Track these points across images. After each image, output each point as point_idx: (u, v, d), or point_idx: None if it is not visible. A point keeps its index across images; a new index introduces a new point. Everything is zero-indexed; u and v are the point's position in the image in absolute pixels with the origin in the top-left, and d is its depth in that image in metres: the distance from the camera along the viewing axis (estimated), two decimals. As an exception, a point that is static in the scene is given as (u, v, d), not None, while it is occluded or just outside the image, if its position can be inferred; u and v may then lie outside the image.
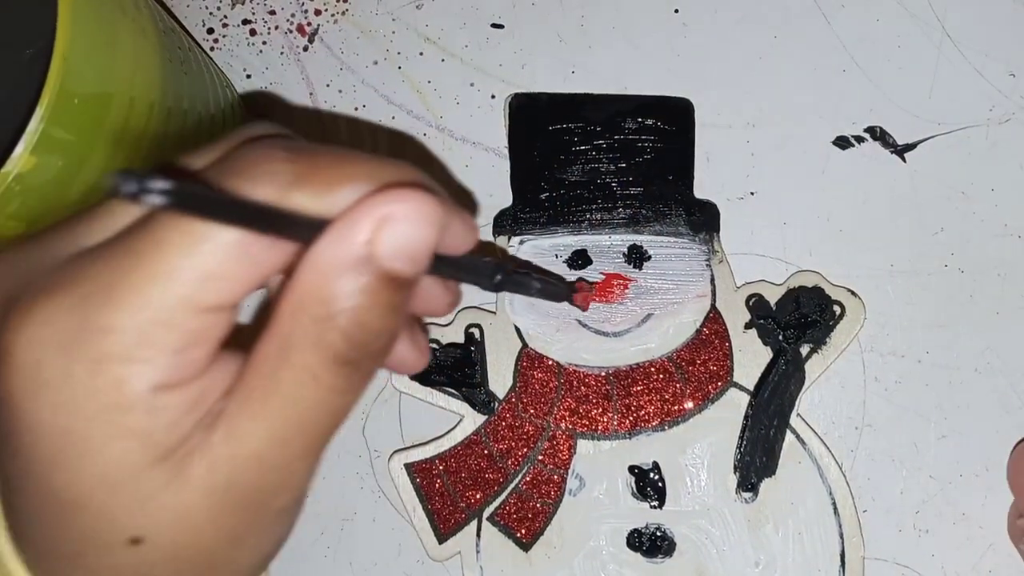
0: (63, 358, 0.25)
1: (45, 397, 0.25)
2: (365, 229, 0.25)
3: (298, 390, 0.26)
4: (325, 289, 0.25)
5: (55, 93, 0.36)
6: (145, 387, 0.25)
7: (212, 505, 0.27)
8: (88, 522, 0.27)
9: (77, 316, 0.25)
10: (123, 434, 0.26)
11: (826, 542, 0.50)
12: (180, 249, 0.25)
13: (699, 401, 0.51)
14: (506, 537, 0.52)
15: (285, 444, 0.27)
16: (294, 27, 0.58)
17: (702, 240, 0.52)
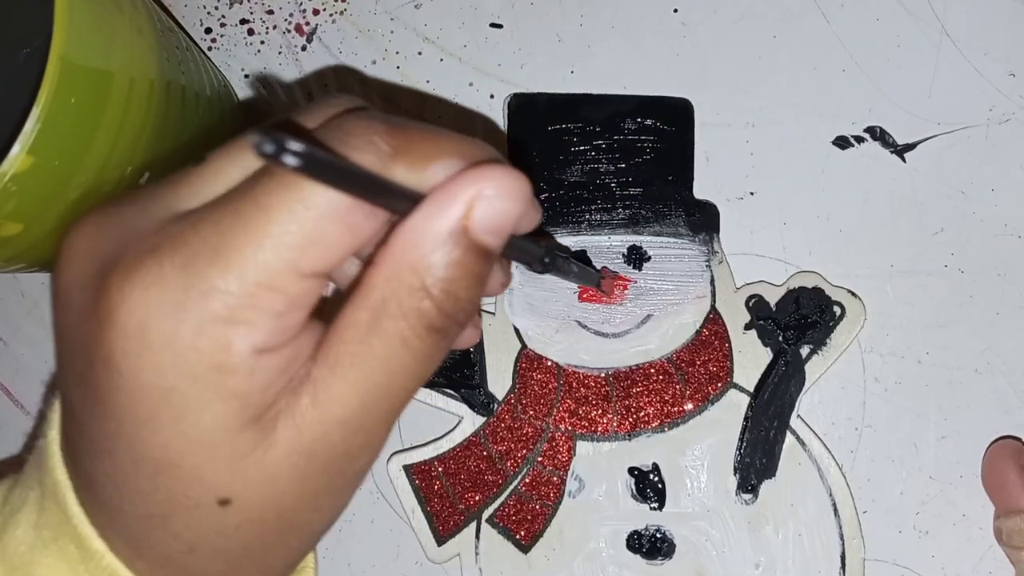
0: (169, 320, 0.26)
1: (149, 359, 0.26)
2: (462, 203, 0.27)
3: (388, 356, 0.27)
4: (421, 260, 0.27)
5: (51, 93, 0.36)
6: (248, 349, 0.26)
7: (297, 468, 0.28)
8: (180, 483, 0.28)
9: (183, 278, 0.26)
10: (223, 396, 0.26)
11: (826, 544, 0.50)
12: (286, 214, 0.26)
13: (699, 402, 0.51)
14: (505, 539, 0.52)
15: (370, 408, 0.28)
16: (292, 27, 0.58)
17: (702, 241, 0.52)
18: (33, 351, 0.58)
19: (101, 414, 0.27)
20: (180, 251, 0.26)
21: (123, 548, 0.30)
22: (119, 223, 0.28)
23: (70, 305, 0.28)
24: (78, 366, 0.28)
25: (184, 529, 0.29)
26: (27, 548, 0.31)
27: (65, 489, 0.30)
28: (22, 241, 0.40)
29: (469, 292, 0.28)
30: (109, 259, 0.27)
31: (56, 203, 0.40)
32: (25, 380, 0.58)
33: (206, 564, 0.30)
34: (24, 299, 0.58)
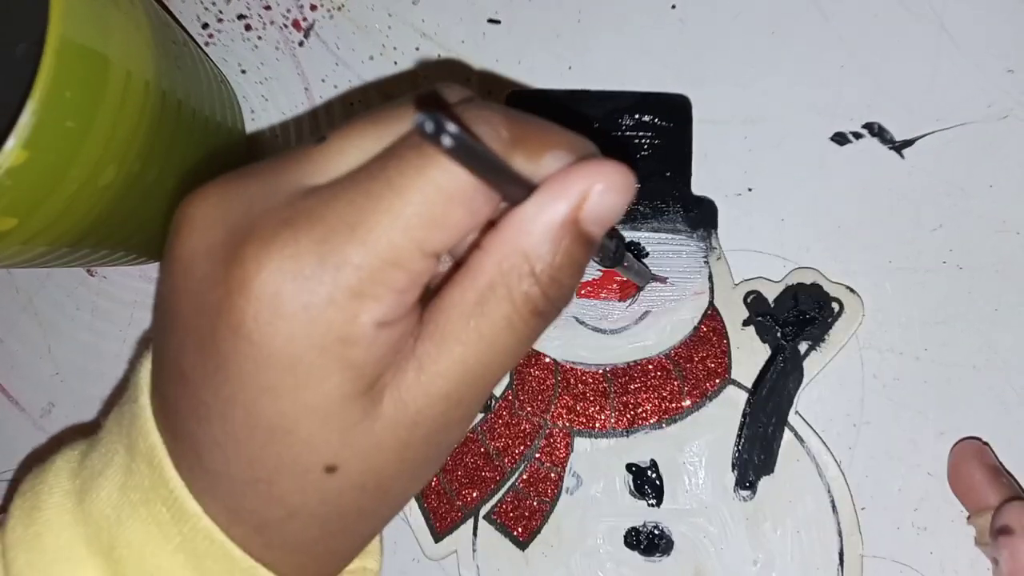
0: (304, 291, 0.27)
1: (281, 327, 0.27)
2: (576, 195, 0.28)
3: (494, 336, 0.29)
4: (533, 247, 0.28)
5: (47, 87, 0.36)
6: (371, 322, 0.28)
7: (400, 438, 0.30)
8: (291, 449, 0.29)
9: (318, 252, 0.27)
10: (343, 366, 0.28)
11: (824, 540, 0.50)
12: (417, 196, 0.27)
13: (697, 399, 0.51)
14: (503, 536, 0.52)
15: (471, 384, 0.30)
16: (289, 22, 0.57)
17: (700, 237, 0.52)
18: (28, 347, 0.58)
19: (221, 380, 0.28)
20: (316, 226, 0.27)
21: (220, 513, 0.31)
22: (245, 195, 0.29)
23: (191, 271, 0.29)
24: (198, 331, 0.29)
25: (288, 494, 0.30)
26: (113, 510, 0.32)
27: (161, 452, 0.31)
28: (17, 236, 0.40)
29: (572, 280, 0.30)
30: (238, 228, 0.28)
31: (51, 198, 0.39)
32: (20, 376, 0.58)
33: (302, 530, 0.31)
34: (19, 295, 0.58)
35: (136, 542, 0.32)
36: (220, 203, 0.29)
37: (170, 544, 0.31)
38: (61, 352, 0.58)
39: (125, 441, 0.33)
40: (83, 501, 0.33)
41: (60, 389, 0.57)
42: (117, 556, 0.32)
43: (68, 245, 0.44)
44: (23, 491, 0.35)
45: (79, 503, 0.33)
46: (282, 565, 0.32)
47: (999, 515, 0.46)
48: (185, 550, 0.31)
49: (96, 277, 0.58)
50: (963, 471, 0.49)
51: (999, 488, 0.47)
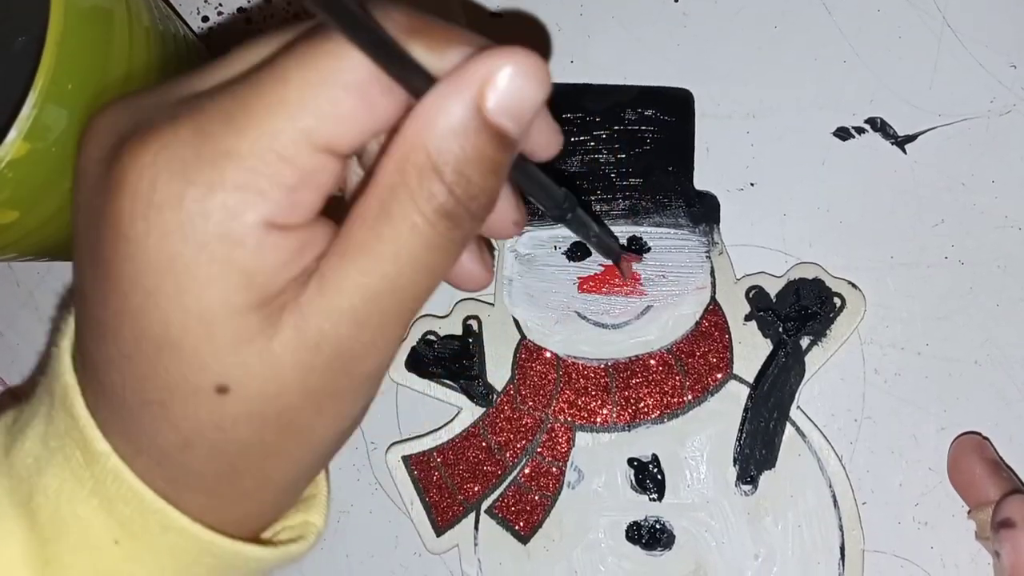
0: (178, 181, 0.25)
1: (156, 219, 0.25)
2: (476, 81, 0.26)
3: (397, 242, 0.27)
4: (432, 140, 0.26)
5: (48, 79, 0.36)
6: (256, 220, 0.26)
7: (301, 361, 0.27)
8: (179, 365, 0.27)
9: (195, 142, 0.26)
10: (228, 270, 0.26)
11: (826, 535, 0.50)
12: (304, 84, 0.26)
13: (698, 393, 0.51)
14: (504, 530, 0.52)
15: (379, 300, 0.27)
16: (290, 15, 0.57)
17: (702, 232, 0.52)
18: (28, 341, 0.58)
19: (108, 290, 0.27)
20: (194, 118, 0.26)
21: (123, 445, 0.29)
22: (141, 104, 0.28)
23: (85, 181, 0.28)
24: (89, 243, 0.28)
25: (181, 419, 0.28)
26: (33, 460, 0.31)
27: (73, 392, 0.30)
28: (18, 229, 0.41)
29: (484, 180, 0.27)
30: (127, 133, 0.27)
31: (52, 191, 0.40)
32: (20, 371, 0.58)
33: (202, 462, 0.29)
34: (19, 289, 0.58)
35: (52, 489, 0.30)
36: (116, 114, 0.28)
37: (84, 489, 0.30)
38: None
39: (48, 388, 0.32)
40: (8, 455, 0.32)
41: None
42: (35, 506, 0.31)
43: (69, 238, 0.43)
44: None
45: (4, 457, 0.32)
46: (190, 505, 0.30)
47: (1000, 508, 0.46)
48: (98, 494, 0.30)
49: (97, 271, 0.57)
50: (963, 466, 0.49)
51: (999, 482, 0.47)
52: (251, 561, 0.32)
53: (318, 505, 0.35)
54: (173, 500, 0.30)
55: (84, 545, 0.30)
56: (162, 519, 0.30)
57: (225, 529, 0.31)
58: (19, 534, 0.31)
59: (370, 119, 0.27)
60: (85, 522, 0.30)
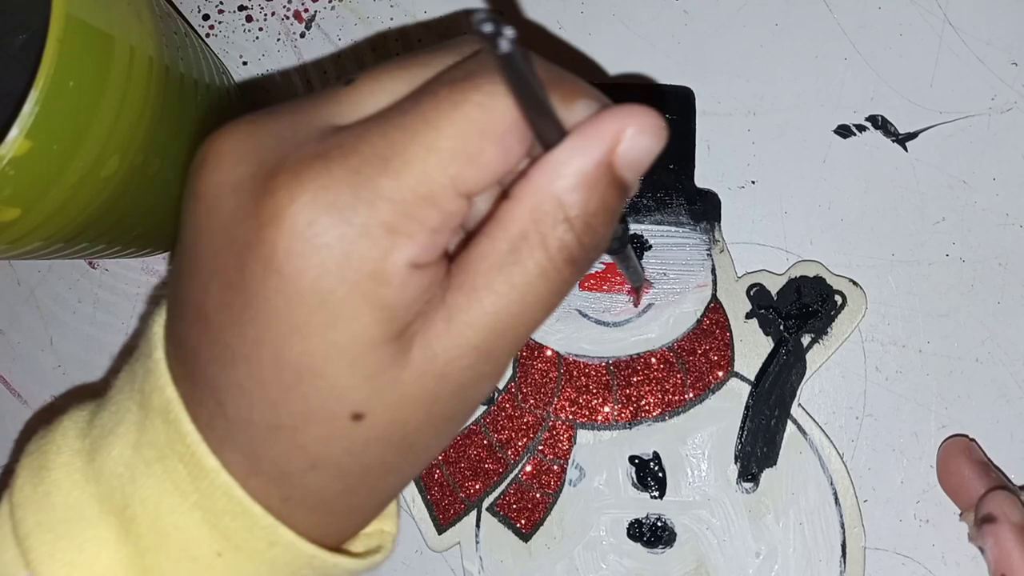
0: (336, 222, 0.26)
1: (314, 260, 0.26)
2: (610, 137, 0.28)
3: (526, 286, 0.28)
4: (567, 192, 0.28)
5: (50, 76, 0.36)
6: (404, 261, 0.27)
7: (428, 390, 0.29)
8: (318, 393, 0.28)
9: (353, 183, 0.26)
10: (374, 307, 0.27)
11: (827, 532, 0.50)
12: (454, 133, 0.27)
13: (700, 391, 0.51)
14: (506, 527, 0.52)
15: (502, 336, 0.29)
16: (291, 13, 0.57)
17: (703, 229, 0.52)
18: (30, 339, 0.58)
19: (248, 319, 0.28)
20: (350, 157, 0.27)
21: (238, 463, 0.30)
22: (273, 130, 0.29)
23: (218, 207, 0.28)
24: (224, 270, 0.28)
25: (312, 442, 0.29)
26: (126, 468, 0.31)
27: (178, 406, 0.30)
28: (20, 227, 0.40)
29: (606, 228, 0.29)
30: (267, 162, 0.28)
31: (54, 188, 0.39)
32: (21, 369, 0.58)
33: (323, 483, 0.30)
34: (20, 287, 0.58)
35: (151, 500, 0.31)
36: (248, 138, 0.29)
37: (186, 502, 0.31)
38: (63, 345, 0.58)
39: (138, 398, 0.32)
40: (94, 460, 0.32)
41: (62, 382, 0.57)
42: (131, 515, 0.31)
43: (70, 237, 0.44)
44: (29, 451, 0.34)
45: (89, 462, 0.32)
46: (301, 522, 0.31)
47: (982, 504, 0.46)
48: (202, 507, 0.31)
49: (98, 270, 0.58)
50: (952, 468, 0.49)
51: (989, 483, 0.47)
52: (345, 572, 0.34)
53: (390, 513, 0.36)
54: (284, 517, 0.31)
55: (185, 556, 0.31)
56: (270, 535, 0.31)
57: (324, 541, 0.32)
58: (114, 542, 0.31)
59: (504, 166, 0.28)
60: (187, 534, 0.31)
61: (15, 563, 0.32)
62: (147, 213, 0.47)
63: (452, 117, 0.27)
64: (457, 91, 0.27)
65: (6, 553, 0.33)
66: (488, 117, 0.27)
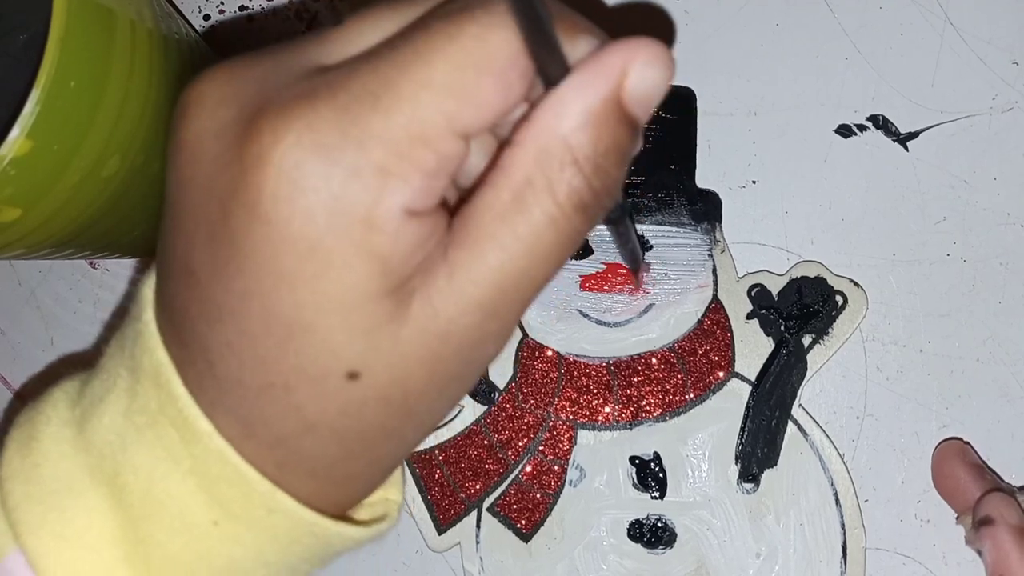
0: (324, 164, 0.25)
1: (301, 203, 0.25)
2: (615, 72, 0.26)
3: (533, 237, 0.26)
4: (572, 131, 0.26)
5: (51, 77, 0.36)
6: (397, 206, 0.25)
7: (430, 349, 0.27)
8: (310, 348, 0.27)
9: (339, 123, 0.25)
10: (367, 255, 0.26)
11: (828, 533, 0.50)
12: (450, 67, 0.25)
13: (700, 392, 0.51)
14: (506, 528, 0.52)
15: (508, 292, 0.27)
16: (292, 13, 0.57)
17: (704, 230, 0.52)
18: (31, 340, 0.58)
19: (234, 271, 0.26)
20: (338, 95, 0.25)
21: (232, 427, 0.29)
22: (257, 74, 0.27)
23: (200, 155, 0.27)
24: (208, 220, 0.27)
25: (306, 403, 0.28)
26: (116, 436, 0.30)
27: (168, 369, 0.29)
28: (20, 227, 0.40)
29: (617, 170, 0.27)
30: (250, 105, 0.26)
31: (55, 188, 0.39)
32: (22, 369, 0.58)
33: (320, 447, 0.29)
34: (21, 287, 0.58)
35: (143, 467, 0.29)
36: (229, 82, 0.27)
37: (180, 468, 0.29)
38: (64, 345, 0.58)
39: (128, 363, 0.31)
40: (84, 430, 0.31)
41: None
42: (122, 483, 0.30)
43: (71, 237, 0.44)
44: (19, 423, 0.33)
45: (79, 432, 0.31)
46: (299, 490, 0.30)
47: (979, 507, 0.46)
48: (197, 473, 0.29)
49: (98, 270, 0.58)
50: (947, 471, 0.49)
51: (984, 485, 0.47)
52: (348, 540, 0.32)
53: (395, 480, 0.35)
54: (281, 484, 0.29)
55: (180, 525, 0.30)
56: (268, 501, 0.29)
57: (325, 509, 0.31)
58: (106, 511, 0.30)
59: (504, 105, 0.26)
60: (181, 502, 0.29)
61: (3, 536, 0.31)
62: (148, 214, 0.47)
63: (447, 50, 0.25)
64: (453, 23, 0.26)
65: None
66: (486, 50, 0.25)
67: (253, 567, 0.31)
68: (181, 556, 0.30)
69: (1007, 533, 0.44)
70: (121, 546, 0.30)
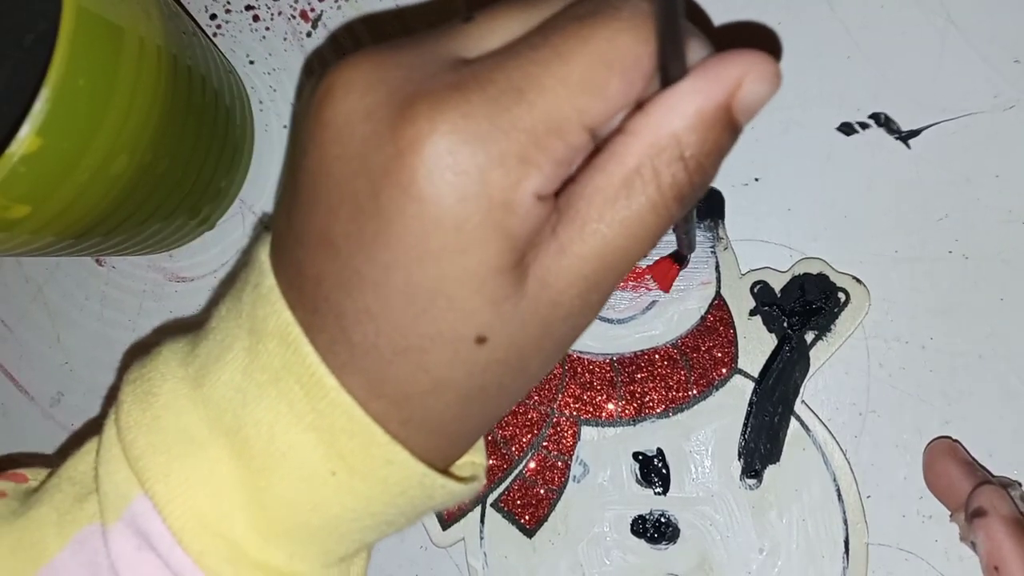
0: (475, 151, 0.27)
1: (454, 185, 0.28)
2: (731, 80, 0.29)
3: (637, 221, 0.29)
4: (686, 131, 0.29)
5: (60, 75, 0.37)
6: (532, 191, 0.28)
7: (543, 316, 0.30)
8: (448, 315, 0.30)
9: (489, 113, 0.28)
10: (502, 234, 0.28)
11: (830, 529, 0.50)
12: (585, 65, 0.28)
13: (703, 388, 0.51)
14: (510, 523, 0.52)
15: (610, 267, 0.30)
16: (297, 13, 0.58)
17: (707, 227, 0.52)
18: (38, 337, 0.58)
19: (382, 244, 0.29)
20: (487, 88, 0.28)
21: (361, 387, 0.31)
22: (401, 61, 0.29)
23: (348, 134, 0.29)
24: (355, 196, 0.29)
25: (436, 365, 0.30)
26: (236, 392, 0.32)
27: (296, 329, 0.31)
28: (30, 224, 0.41)
29: (714, 170, 0.30)
30: (400, 91, 0.28)
31: (65, 186, 0.40)
32: (29, 366, 0.58)
33: (443, 405, 0.32)
34: (28, 284, 0.58)
35: (264, 422, 0.32)
36: (376, 68, 0.29)
37: (302, 422, 0.32)
38: (70, 341, 0.58)
39: (247, 324, 0.33)
40: (201, 386, 0.33)
41: (69, 378, 0.58)
42: (244, 436, 0.32)
43: (79, 234, 0.44)
44: (131, 379, 0.35)
45: (196, 387, 0.33)
46: (416, 445, 0.32)
47: (972, 499, 0.46)
48: (318, 427, 0.31)
49: (105, 267, 0.58)
50: (938, 470, 0.50)
51: (976, 481, 0.48)
52: (449, 494, 0.35)
53: (479, 447, 0.38)
54: (401, 439, 0.32)
55: (299, 475, 0.32)
56: (387, 453, 0.32)
57: (434, 463, 0.33)
58: (227, 460, 0.33)
59: (626, 101, 0.29)
60: (302, 453, 0.32)
61: (128, 483, 0.33)
62: (155, 211, 0.48)
63: (583, 50, 0.28)
64: (586, 26, 0.28)
65: (118, 473, 0.34)
66: (615, 50, 0.28)
67: (361, 516, 0.33)
68: (297, 503, 0.32)
69: (999, 523, 0.45)
70: (241, 493, 0.33)
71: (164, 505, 0.33)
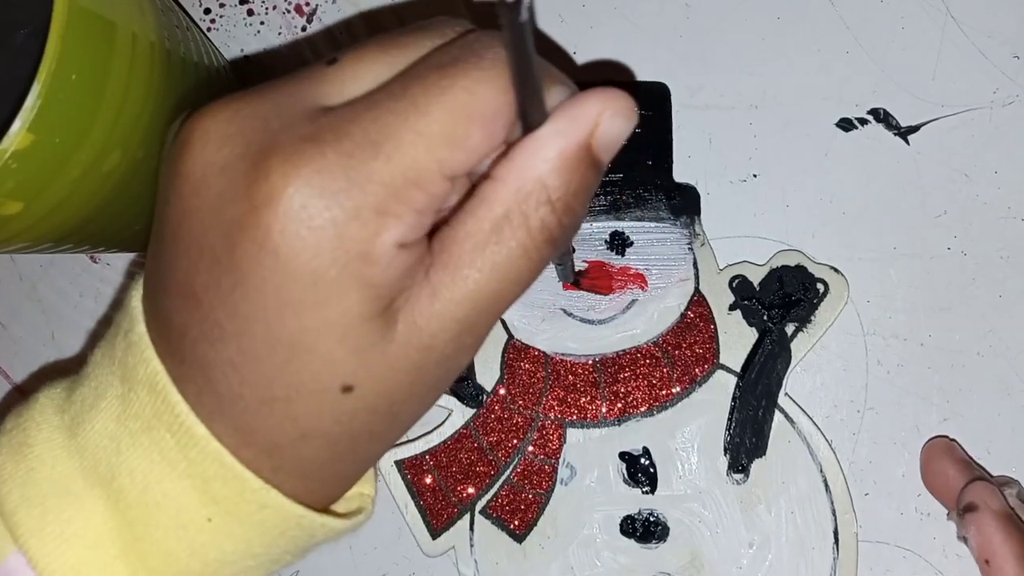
0: (329, 205, 0.30)
1: (308, 241, 0.30)
2: (591, 120, 0.32)
3: (508, 264, 0.32)
4: (550, 174, 0.32)
5: (52, 70, 0.39)
6: (391, 241, 0.31)
7: (413, 361, 0.33)
8: (311, 366, 0.32)
9: (344, 168, 0.30)
10: (362, 284, 0.31)
11: (819, 520, 0.54)
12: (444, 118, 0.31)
13: (686, 385, 0.56)
14: (499, 529, 0.57)
15: (484, 310, 0.33)
16: (292, 7, 0.62)
17: (683, 224, 0.56)
18: (32, 334, 0.62)
19: (240, 297, 0.31)
20: (343, 142, 0.30)
21: (229, 436, 0.33)
22: (259, 111, 0.32)
23: (204, 187, 0.31)
24: (212, 250, 0.31)
25: (303, 414, 0.33)
26: (110, 441, 0.35)
27: (164, 378, 0.34)
28: (22, 220, 0.43)
29: (583, 208, 0.33)
30: (256, 144, 0.31)
31: (57, 182, 0.42)
32: (23, 363, 0.62)
33: (313, 452, 0.34)
34: (22, 282, 0.62)
35: (139, 470, 0.34)
36: (233, 118, 0.32)
37: (175, 470, 0.34)
38: (65, 339, 0.62)
39: (120, 372, 0.35)
40: (76, 435, 0.35)
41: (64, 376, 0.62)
42: (118, 486, 0.34)
43: (72, 231, 0.47)
44: (7, 428, 0.37)
45: (71, 437, 0.35)
46: (290, 489, 0.35)
47: (963, 495, 0.51)
48: (191, 475, 0.34)
49: (99, 264, 0.62)
50: (936, 469, 0.54)
51: (973, 479, 0.52)
52: (331, 531, 0.38)
53: (369, 477, 0.41)
54: (275, 483, 0.35)
55: (176, 523, 0.35)
56: (261, 498, 0.34)
57: (311, 504, 0.36)
58: (102, 512, 0.35)
59: (488, 150, 0.32)
60: (177, 501, 0.34)
61: (2, 538, 0.35)
62: (148, 208, 0.46)
63: (441, 102, 0.30)
64: (446, 76, 0.31)
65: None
66: (475, 102, 0.31)
67: (242, 559, 0.36)
68: (175, 551, 0.35)
69: (990, 517, 0.49)
70: (118, 544, 0.35)
71: (39, 560, 0.35)
